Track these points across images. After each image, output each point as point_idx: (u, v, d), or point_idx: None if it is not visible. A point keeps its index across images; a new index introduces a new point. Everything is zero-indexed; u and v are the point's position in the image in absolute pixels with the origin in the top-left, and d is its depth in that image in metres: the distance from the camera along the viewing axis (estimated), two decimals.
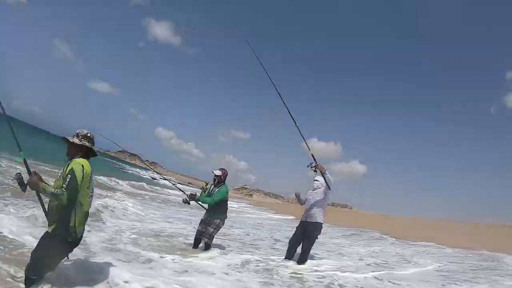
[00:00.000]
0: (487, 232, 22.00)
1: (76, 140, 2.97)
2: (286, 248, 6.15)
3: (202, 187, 6.32)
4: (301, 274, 5.22)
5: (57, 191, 2.68)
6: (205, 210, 6.04)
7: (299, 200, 6.07)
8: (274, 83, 5.79)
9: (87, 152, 3.04)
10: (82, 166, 2.84)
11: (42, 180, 2.84)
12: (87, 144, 3.00)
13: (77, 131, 3.03)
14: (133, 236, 6.25)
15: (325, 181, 5.53)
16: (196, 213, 10.87)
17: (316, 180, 5.87)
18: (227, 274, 4.69)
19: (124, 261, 4.44)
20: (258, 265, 5.47)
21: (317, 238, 5.74)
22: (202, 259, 5.29)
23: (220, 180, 5.82)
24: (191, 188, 49.36)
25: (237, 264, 5.35)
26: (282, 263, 5.68)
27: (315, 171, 5.45)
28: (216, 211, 5.77)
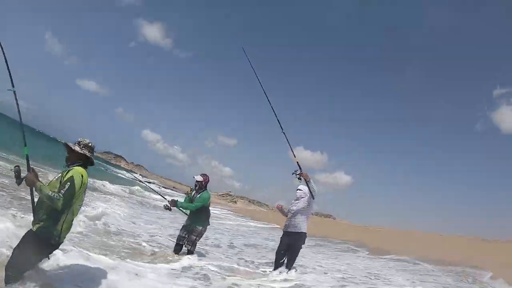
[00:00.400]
0: (468, 245, 21.95)
1: (77, 148, 3.07)
2: (236, 255, 6.52)
3: (187, 192, 6.19)
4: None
5: (54, 195, 2.74)
6: (187, 216, 5.99)
7: (282, 212, 5.98)
8: (264, 89, 5.96)
9: (86, 161, 3.13)
10: (82, 176, 2.93)
11: (38, 179, 2.89)
12: (87, 153, 3.09)
13: (79, 139, 3.14)
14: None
15: (309, 190, 5.46)
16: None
17: (299, 190, 5.74)
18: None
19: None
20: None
21: (301, 248, 5.66)
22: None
23: (201, 186, 5.77)
24: (176, 192, 48.66)
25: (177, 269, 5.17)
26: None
27: (299, 179, 5.42)
28: (198, 217, 5.73)
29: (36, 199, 3.04)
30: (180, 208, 5.83)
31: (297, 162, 5.49)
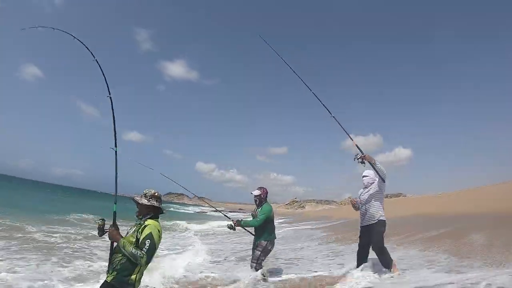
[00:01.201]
0: None
1: (144, 201, 3.08)
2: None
3: (230, 226, 5.60)
4: None
5: (137, 253, 2.79)
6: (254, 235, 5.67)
7: (355, 207, 5.44)
8: (300, 77, 5.73)
9: (156, 211, 3.14)
10: (158, 231, 2.95)
11: (120, 234, 2.99)
12: (155, 204, 3.10)
13: (144, 191, 3.15)
14: None
15: (377, 172, 4.96)
16: None
17: (366, 176, 5.25)
18: None
19: None
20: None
21: (382, 237, 5.00)
22: None
23: (261, 200, 5.53)
24: (243, 213, 49.68)
25: None
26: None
27: (362, 162, 4.89)
28: (262, 232, 5.45)
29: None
30: (245, 227, 5.56)
31: (356, 145, 4.99)
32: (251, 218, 5.64)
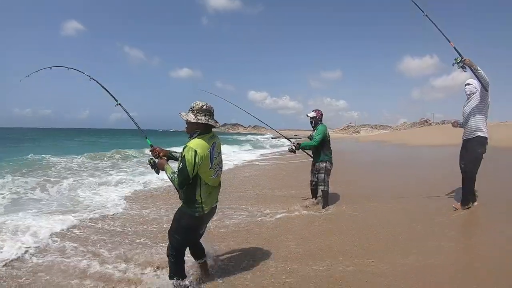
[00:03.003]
0: None
1: (191, 117, 2.73)
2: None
3: (291, 149, 5.77)
4: None
5: (171, 176, 2.74)
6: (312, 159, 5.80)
7: (459, 124, 4.98)
8: None
9: (205, 128, 2.79)
10: (195, 152, 2.62)
11: (166, 162, 2.97)
12: (202, 120, 2.72)
13: (191, 104, 2.77)
14: None
15: (479, 80, 4.38)
16: None
17: (468, 84, 4.70)
18: None
19: None
20: None
21: (480, 157, 4.54)
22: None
23: (316, 121, 5.64)
24: (299, 138, 50.80)
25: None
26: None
27: (463, 67, 4.34)
28: (319, 154, 5.57)
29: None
30: (305, 150, 5.74)
31: (455, 47, 4.44)
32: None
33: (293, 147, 5.64)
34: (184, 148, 2.68)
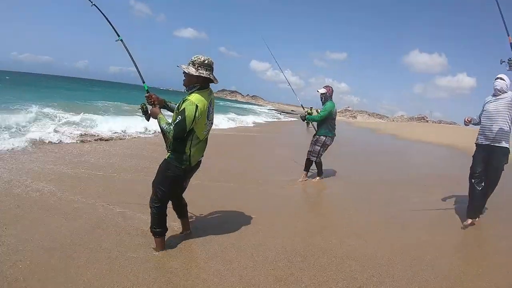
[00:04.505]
0: None
1: (192, 70, 2.69)
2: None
3: (306, 111, 6.66)
4: None
5: (166, 127, 2.68)
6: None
7: (473, 121, 4.29)
8: None
9: (205, 82, 2.77)
10: (196, 107, 2.62)
11: (160, 111, 2.90)
12: (203, 74, 2.70)
13: (192, 58, 2.73)
14: None
15: None
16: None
17: (501, 79, 3.96)
18: None
19: None
20: None
21: (503, 169, 4.02)
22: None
23: (326, 98, 5.74)
24: (295, 114, 51.01)
25: None
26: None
27: None
28: (321, 128, 5.75)
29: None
30: (309, 121, 6.12)
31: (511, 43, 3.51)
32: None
33: (304, 116, 6.19)
34: (184, 101, 2.66)
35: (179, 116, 2.60)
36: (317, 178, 6.01)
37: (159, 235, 2.89)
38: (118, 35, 3.24)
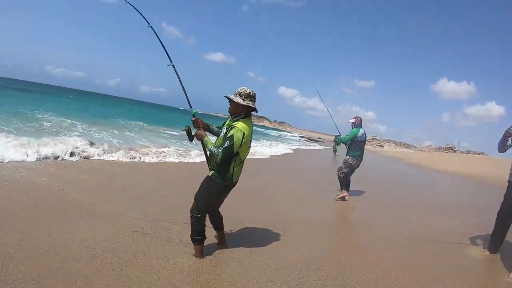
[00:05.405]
0: None
1: (239, 100, 2.99)
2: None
3: (334, 139, 8.24)
4: None
5: (214, 150, 2.90)
6: None
7: (503, 145, 3.76)
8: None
9: (249, 111, 3.07)
10: (243, 134, 2.91)
11: (205, 133, 3.11)
12: (250, 104, 3.01)
13: (239, 90, 3.03)
14: None
15: None
16: None
17: None
18: None
19: None
20: None
21: None
22: None
23: (355, 126, 6.74)
24: (322, 142, 51.50)
25: None
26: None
27: None
28: (348, 150, 6.76)
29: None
30: (339, 142, 7.27)
31: None
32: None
33: (336, 137, 7.37)
34: (231, 128, 2.94)
35: (228, 141, 2.87)
36: (338, 190, 6.93)
37: (198, 242, 3.13)
38: (171, 61, 3.39)
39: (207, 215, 3.24)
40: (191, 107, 3.29)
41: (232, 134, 2.88)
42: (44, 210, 3.86)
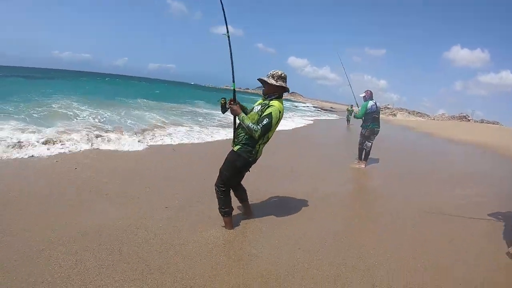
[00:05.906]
0: None
1: (273, 81, 3.11)
2: None
3: (347, 109, 8.48)
4: None
5: (253, 127, 2.97)
6: None
7: None
8: None
9: (282, 91, 3.18)
10: (279, 112, 3.04)
11: (240, 110, 3.14)
12: (283, 84, 3.14)
13: (271, 72, 3.16)
14: None
15: None
16: None
17: None
18: None
19: None
20: None
21: None
22: None
23: (365, 99, 7.14)
24: (334, 111, 51.01)
25: None
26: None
27: None
28: (362, 122, 7.24)
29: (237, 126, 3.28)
30: (356, 117, 7.44)
31: None
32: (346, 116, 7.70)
33: (350, 107, 8.16)
34: (268, 107, 3.06)
35: (266, 119, 2.98)
36: (356, 161, 7.50)
37: (226, 214, 3.30)
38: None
39: (232, 190, 3.39)
40: (233, 82, 3.26)
41: (271, 112, 3.00)
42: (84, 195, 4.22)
